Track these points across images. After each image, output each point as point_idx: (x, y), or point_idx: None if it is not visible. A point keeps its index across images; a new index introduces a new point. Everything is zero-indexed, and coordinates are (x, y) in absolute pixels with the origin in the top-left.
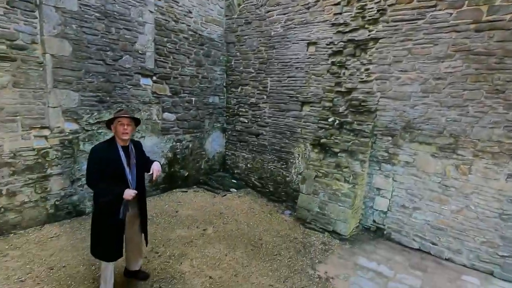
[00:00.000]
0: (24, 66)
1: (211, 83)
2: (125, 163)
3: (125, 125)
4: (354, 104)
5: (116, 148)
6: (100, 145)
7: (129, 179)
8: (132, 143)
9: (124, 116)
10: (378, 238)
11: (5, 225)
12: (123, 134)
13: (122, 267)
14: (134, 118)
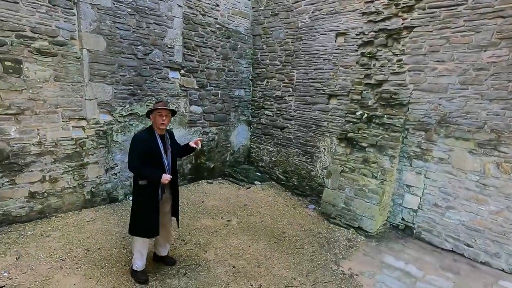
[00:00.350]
0: (64, 61)
1: (237, 76)
2: (162, 150)
3: (163, 116)
4: (384, 97)
5: (155, 136)
6: (141, 134)
7: (166, 164)
8: (168, 132)
9: (163, 108)
10: (406, 236)
11: (48, 208)
12: (161, 125)
13: (152, 252)
14: (171, 110)
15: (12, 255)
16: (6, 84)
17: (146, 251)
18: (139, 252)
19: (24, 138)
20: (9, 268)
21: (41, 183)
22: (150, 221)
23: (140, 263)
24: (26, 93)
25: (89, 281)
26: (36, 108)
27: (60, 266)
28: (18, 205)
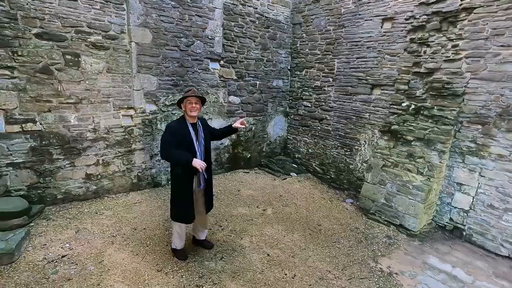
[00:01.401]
0: (115, 54)
1: (276, 66)
2: (194, 137)
3: (193, 103)
4: (435, 86)
5: (186, 124)
6: (173, 123)
7: (197, 151)
8: (200, 120)
9: (192, 95)
10: (455, 238)
11: (101, 189)
12: (192, 111)
13: (191, 235)
14: (200, 97)
15: (72, 229)
16: (67, 76)
17: (183, 233)
18: (177, 233)
19: (81, 125)
20: (70, 240)
21: (95, 166)
22: (185, 209)
23: (178, 243)
24: (83, 84)
25: (136, 257)
26: (91, 98)
27: (111, 241)
28: (77, 185)
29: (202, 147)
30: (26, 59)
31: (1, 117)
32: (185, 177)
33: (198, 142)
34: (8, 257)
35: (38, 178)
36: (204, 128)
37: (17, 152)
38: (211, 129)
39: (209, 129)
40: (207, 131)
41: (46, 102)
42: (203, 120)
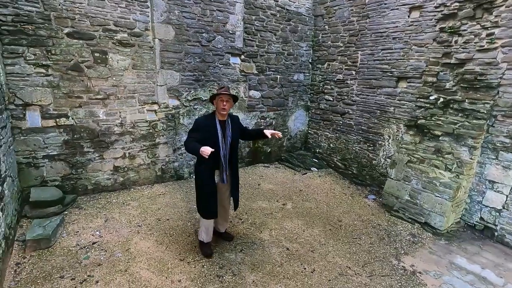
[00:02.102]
0: (139, 50)
1: (297, 60)
2: (220, 134)
3: (224, 102)
4: (467, 78)
5: (214, 120)
6: (201, 117)
7: (221, 148)
8: (230, 118)
9: (224, 93)
10: (485, 239)
11: (127, 181)
12: (222, 110)
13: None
14: (232, 96)
15: (101, 218)
16: (96, 73)
17: (210, 227)
18: (204, 227)
19: (109, 119)
20: (100, 228)
21: (122, 159)
22: (207, 205)
23: (205, 236)
24: (110, 80)
25: (160, 246)
26: (118, 94)
27: (137, 231)
28: (106, 177)
29: (228, 145)
30: (59, 58)
31: (37, 112)
32: (206, 173)
33: (224, 140)
34: (46, 242)
35: (71, 170)
36: (234, 127)
37: (52, 145)
38: (242, 128)
39: (240, 128)
40: (237, 129)
41: (77, 98)
42: (235, 118)
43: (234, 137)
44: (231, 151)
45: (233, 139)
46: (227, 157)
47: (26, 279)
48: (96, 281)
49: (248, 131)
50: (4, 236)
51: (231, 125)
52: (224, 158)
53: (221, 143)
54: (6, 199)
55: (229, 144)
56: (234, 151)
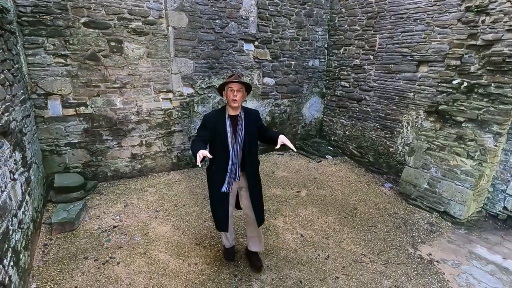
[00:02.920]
0: (154, 39)
1: (312, 45)
2: (230, 131)
3: (235, 91)
4: (494, 61)
5: (224, 116)
6: (211, 113)
7: (230, 148)
8: (245, 111)
9: (234, 81)
10: (508, 229)
11: (144, 168)
12: (232, 101)
13: None
14: (244, 83)
15: (121, 203)
16: (112, 62)
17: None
18: (223, 233)
19: (126, 108)
20: (120, 213)
21: (139, 146)
22: (215, 215)
23: (225, 241)
24: (126, 69)
25: (177, 231)
26: (134, 82)
27: (155, 216)
28: (124, 164)
29: (239, 145)
30: (77, 47)
31: (58, 101)
32: (216, 177)
33: (234, 139)
34: (70, 225)
35: (91, 157)
36: (248, 123)
37: (73, 133)
38: (260, 126)
39: (258, 126)
40: (253, 127)
41: (95, 87)
42: (253, 113)
43: (248, 135)
44: (245, 152)
45: (247, 138)
46: (237, 160)
47: (53, 259)
48: (117, 262)
49: (264, 133)
50: (32, 219)
51: (244, 121)
52: (233, 161)
53: (230, 143)
54: (32, 185)
55: (242, 144)
56: (250, 152)
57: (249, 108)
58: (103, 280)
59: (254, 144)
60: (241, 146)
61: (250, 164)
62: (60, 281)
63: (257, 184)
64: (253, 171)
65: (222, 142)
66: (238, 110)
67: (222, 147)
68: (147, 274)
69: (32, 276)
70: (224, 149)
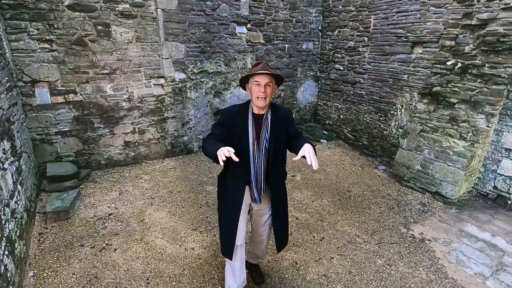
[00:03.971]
0: (142, 22)
1: (305, 27)
2: (252, 136)
3: (263, 85)
4: (488, 40)
5: (246, 115)
6: (230, 108)
7: (251, 156)
8: (273, 110)
9: (262, 72)
10: (497, 207)
11: (138, 156)
12: (259, 100)
13: None
14: (276, 76)
15: (116, 191)
16: (100, 47)
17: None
18: (229, 268)
19: (117, 94)
20: (115, 201)
21: (132, 134)
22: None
23: (231, 282)
24: (115, 54)
25: (173, 217)
26: (124, 68)
27: (150, 203)
28: (117, 152)
29: (264, 152)
30: (62, 32)
31: (46, 89)
32: (231, 188)
33: (257, 144)
34: (65, 214)
35: (84, 145)
36: (277, 126)
37: (63, 121)
38: (291, 129)
39: (288, 129)
40: (282, 131)
41: (83, 73)
42: (284, 113)
43: (273, 141)
44: (271, 160)
45: (272, 145)
46: (261, 169)
47: (50, 247)
48: (114, 249)
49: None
50: (25, 208)
51: (271, 123)
52: (256, 171)
53: (252, 148)
54: (24, 174)
55: (266, 151)
56: (275, 163)
57: (278, 105)
58: (101, 267)
59: (281, 153)
60: (265, 154)
61: (275, 177)
62: (57, 268)
63: (283, 202)
64: (278, 186)
65: (242, 148)
66: (265, 109)
67: (241, 153)
68: (144, 260)
69: (29, 264)
70: (243, 157)
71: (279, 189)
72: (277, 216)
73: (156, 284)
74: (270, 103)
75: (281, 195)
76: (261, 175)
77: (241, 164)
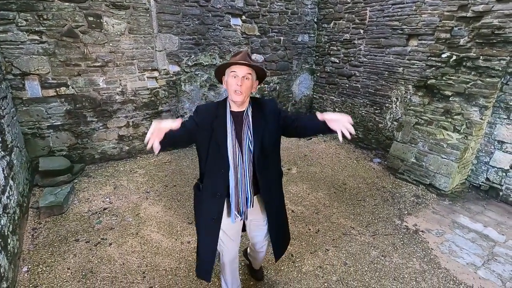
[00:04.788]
0: (135, 13)
1: (301, 19)
2: (231, 136)
3: (240, 78)
4: (483, 33)
5: (224, 112)
6: (206, 106)
7: (231, 160)
8: (255, 105)
9: (239, 63)
10: (489, 199)
11: (133, 149)
12: (235, 93)
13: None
14: (255, 67)
15: (110, 185)
16: (92, 38)
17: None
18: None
19: (110, 88)
20: (110, 195)
21: (126, 128)
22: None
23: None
24: (107, 46)
25: (168, 211)
26: (116, 60)
27: (146, 197)
28: (111, 146)
29: (247, 155)
30: (52, 23)
31: (36, 82)
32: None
33: (239, 148)
34: (58, 209)
35: (77, 140)
36: (262, 123)
37: (55, 115)
38: (283, 118)
39: (278, 121)
40: (271, 127)
41: (75, 66)
42: (269, 107)
43: (260, 141)
44: (258, 165)
45: (258, 146)
46: (246, 178)
47: (44, 242)
48: (109, 243)
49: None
50: (18, 203)
51: (252, 120)
52: (238, 180)
53: (232, 154)
54: (16, 169)
55: (252, 155)
56: (264, 167)
57: (261, 99)
58: (96, 261)
59: (273, 153)
60: (249, 158)
61: (266, 183)
62: (52, 263)
63: (279, 211)
64: (271, 194)
65: (219, 152)
66: (244, 105)
67: (220, 159)
68: (140, 254)
69: (23, 259)
70: (222, 163)
71: (273, 195)
72: (274, 229)
73: (152, 277)
74: (251, 98)
75: (277, 205)
76: (246, 185)
77: (219, 173)
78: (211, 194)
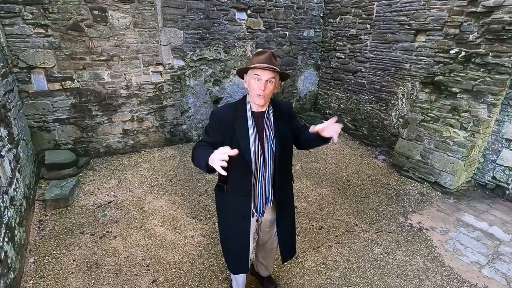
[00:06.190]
0: (140, 7)
1: (307, 14)
2: (253, 137)
3: (264, 80)
4: (493, 29)
5: (244, 114)
6: (223, 108)
7: (253, 161)
8: (274, 105)
9: (265, 67)
10: (496, 197)
11: (138, 144)
12: (258, 97)
13: None
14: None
15: (115, 179)
16: (97, 32)
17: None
18: (235, 279)
19: (115, 82)
20: (114, 189)
21: (131, 122)
22: (233, 254)
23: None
24: (112, 40)
25: (172, 205)
26: (121, 55)
27: (150, 191)
28: (116, 140)
29: (270, 155)
30: (57, 16)
31: (42, 75)
32: (233, 203)
33: (260, 147)
34: (64, 201)
35: (82, 133)
36: (281, 123)
37: (61, 108)
38: (295, 124)
39: (292, 124)
40: (287, 127)
41: (80, 60)
42: (285, 107)
43: (282, 141)
44: (278, 164)
45: (280, 145)
46: (268, 177)
47: (50, 234)
48: (114, 236)
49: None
50: (24, 195)
51: (274, 121)
52: (261, 180)
53: (253, 155)
54: (22, 161)
55: (274, 154)
56: (281, 167)
57: (277, 99)
58: (101, 254)
59: (288, 154)
60: (272, 158)
61: (282, 183)
62: (57, 255)
63: (289, 210)
64: (285, 193)
65: (242, 152)
66: (265, 106)
67: (242, 159)
68: (144, 247)
69: (29, 251)
70: (244, 163)
71: (287, 196)
72: (283, 228)
73: (156, 271)
74: (271, 99)
75: (288, 205)
76: (267, 185)
77: (243, 174)
78: (238, 194)
